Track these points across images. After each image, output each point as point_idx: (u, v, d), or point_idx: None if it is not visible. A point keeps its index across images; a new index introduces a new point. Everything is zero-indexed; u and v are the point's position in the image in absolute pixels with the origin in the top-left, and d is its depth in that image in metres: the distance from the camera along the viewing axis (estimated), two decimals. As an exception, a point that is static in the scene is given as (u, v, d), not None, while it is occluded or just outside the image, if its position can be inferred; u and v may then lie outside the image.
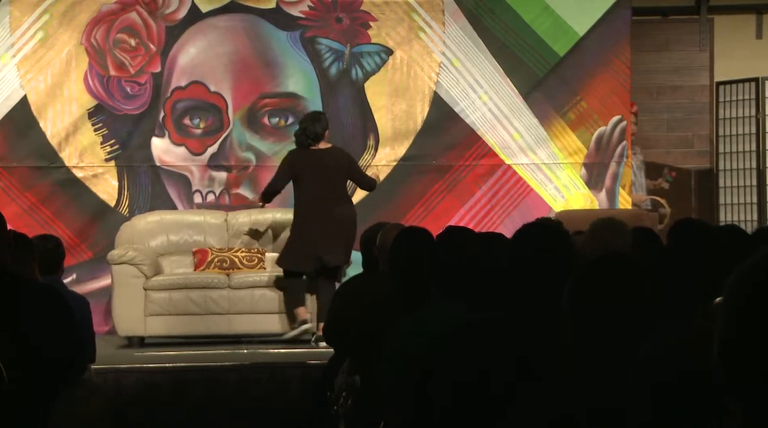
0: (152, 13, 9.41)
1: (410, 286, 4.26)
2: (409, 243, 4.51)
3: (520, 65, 9.67)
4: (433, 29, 9.65)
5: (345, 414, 4.85)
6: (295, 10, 9.54)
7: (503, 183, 9.69)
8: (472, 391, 2.82)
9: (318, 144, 8.14)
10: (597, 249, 4.66)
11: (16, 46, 9.26)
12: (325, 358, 5.76)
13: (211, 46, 9.51)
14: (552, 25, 9.69)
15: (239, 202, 9.39)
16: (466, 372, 2.87)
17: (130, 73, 9.38)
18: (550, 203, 9.68)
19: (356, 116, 9.62)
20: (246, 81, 9.51)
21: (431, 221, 9.31)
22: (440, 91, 9.64)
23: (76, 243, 9.22)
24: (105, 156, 9.35)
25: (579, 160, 9.74)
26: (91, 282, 9.18)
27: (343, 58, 9.59)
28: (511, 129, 9.70)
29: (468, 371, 2.87)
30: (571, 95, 9.73)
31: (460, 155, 9.65)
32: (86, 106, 9.33)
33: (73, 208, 9.29)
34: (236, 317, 8.29)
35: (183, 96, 9.47)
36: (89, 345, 5.33)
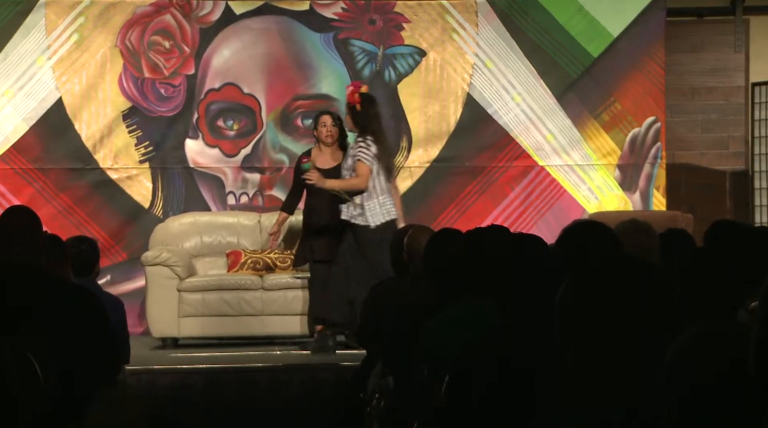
0: (186, 16, 9.45)
1: (444, 287, 4.26)
2: (443, 245, 4.51)
3: (554, 66, 9.64)
4: (467, 30, 9.64)
5: (378, 416, 4.84)
6: (328, 12, 9.56)
7: (536, 184, 9.67)
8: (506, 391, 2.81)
9: None
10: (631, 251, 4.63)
11: (51, 49, 9.32)
12: (358, 360, 5.76)
13: (244, 47, 9.54)
14: (586, 26, 9.66)
15: (272, 204, 9.40)
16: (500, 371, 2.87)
17: (164, 75, 9.43)
18: (583, 205, 9.65)
19: (389, 118, 9.61)
20: (279, 83, 9.53)
21: (464, 223, 9.29)
22: (473, 92, 9.63)
23: (111, 245, 9.27)
24: (139, 157, 9.39)
25: (613, 161, 9.70)
26: (126, 284, 9.23)
27: (376, 60, 9.59)
28: (544, 130, 9.67)
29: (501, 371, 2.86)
30: (605, 96, 9.69)
31: (493, 157, 9.63)
32: (121, 107, 9.38)
33: (108, 210, 9.34)
34: (269, 318, 8.30)
35: (217, 98, 9.51)
36: (124, 346, 5.35)
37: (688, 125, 10.47)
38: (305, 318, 8.27)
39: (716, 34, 10.43)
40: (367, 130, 7.59)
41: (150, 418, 6.04)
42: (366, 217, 7.56)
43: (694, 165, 10.21)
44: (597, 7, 9.64)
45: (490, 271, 3.51)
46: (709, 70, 10.39)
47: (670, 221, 8.07)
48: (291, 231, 8.85)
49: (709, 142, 10.49)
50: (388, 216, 7.58)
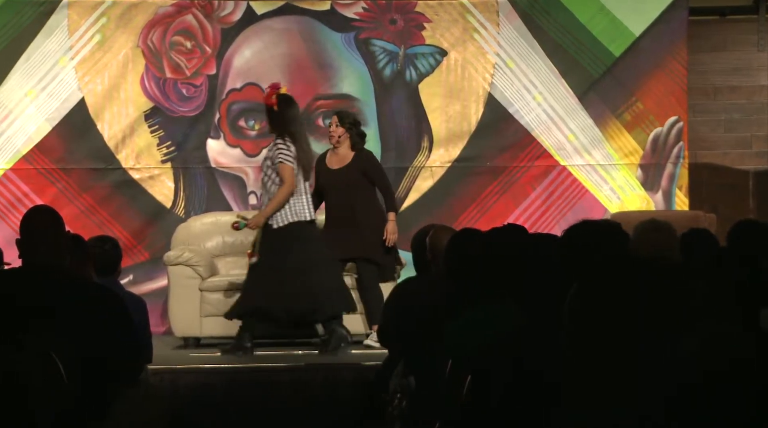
0: (208, 16, 9.48)
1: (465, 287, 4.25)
2: (463, 245, 4.50)
3: (575, 66, 9.62)
4: (488, 30, 9.63)
5: (399, 416, 4.84)
6: (349, 12, 9.56)
7: (558, 184, 9.65)
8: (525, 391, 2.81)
9: None
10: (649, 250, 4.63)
11: (74, 49, 9.36)
12: (380, 360, 5.76)
13: (266, 47, 9.55)
14: (608, 26, 9.63)
15: (294, 204, 9.40)
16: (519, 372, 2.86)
17: (185, 75, 9.45)
18: (605, 204, 9.62)
19: (410, 118, 9.62)
20: (300, 82, 9.54)
21: (485, 223, 9.28)
22: (495, 92, 9.61)
23: (133, 245, 9.30)
24: (161, 157, 9.42)
25: (635, 161, 9.67)
26: (148, 283, 9.26)
27: (397, 60, 9.59)
28: (566, 130, 9.65)
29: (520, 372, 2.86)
30: (627, 96, 9.66)
31: (514, 156, 9.62)
32: (143, 108, 9.40)
33: (130, 210, 9.36)
34: (291, 318, 8.30)
35: (238, 98, 9.52)
36: (146, 345, 5.36)
37: (711, 125, 10.43)
38: (327, 317, 8.28)
39: (739, 33, 10.39)
40: (285, 131, 7.61)
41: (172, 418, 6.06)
42: (273, 217, 7.60)
43: (716, 164, 10.17)
44: (619, 6, 9.61)
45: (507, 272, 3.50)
46: (732, 70, 10.35)
47: (693, 221, 8.05)
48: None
49: (731, 141, 10.45)
50: (295, 218, 7.60)
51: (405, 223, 9.27)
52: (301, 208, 7.62)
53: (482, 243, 4.51)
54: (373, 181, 7.99)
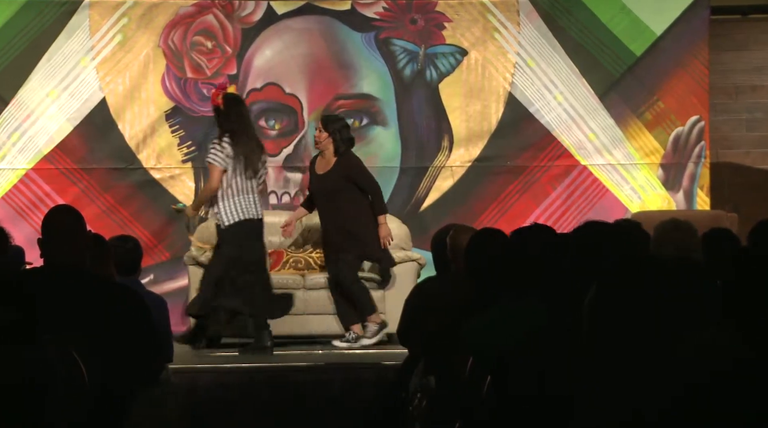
0: (228, 16, 9.49)
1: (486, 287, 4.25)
2: (485, 245, 4.50)
3: (596, 65, 9.59)
4: (508, 30, 9.62)
5: (419, 415, 4.84)
6: (369, 12, 9.56)
7: (579, 184, 9.63)
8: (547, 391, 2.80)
9: None
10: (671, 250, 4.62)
11: (95, 49, 9.39)
12: (400, 359, 5.76)
13: (286, 47, 9.56)
14: (629, 25, 9.61)
15: (314, 203, 9.42)
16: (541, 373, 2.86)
17: (206, 75, 9.47)
18: (626, 204, 9.60)
19: (430, 117, 9.61)
20: (321, 82, 9.55)
21: (506, 222, 9.27)
22: (515, 91, 9.60)
23: (154, 244, 9.32)
24: (182, 157, 9.44)
25: (656, 160, 9.64)
26: (169, 283, 9.28)
27: (417, 59, 9.59)
28: (586, 129, 9.63)
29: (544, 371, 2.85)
30: (648, 95, 9.64)
31: (534, 156, 9.60)
32: (163, 108, 9.43)
33: (151, 209, 9.39)
34: (311, 318, 8.32)
35: (258, 98, 9.54)
36: (166, 345, 5.37)
37: (732, 124, 10.39)
38: (347, 317, 8.29)
39: (761, 32, 10.34)
40: (226, 131, 7.66)
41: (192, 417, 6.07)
42: (220, 216, 7.69)
43: (738, 164, 10.13)
44: (640, 5, 9.59)
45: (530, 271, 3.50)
46: (754, 69, 10.31)
47: (714, 220, 8.01)
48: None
49: (753, 140, 10.40)
50: (243, 216, 7.68)
51: (425, 223, 9.28)
52: (248, 206, 7.73)
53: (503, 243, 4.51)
54: (358, 185, 8.02)
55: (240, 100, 7.93)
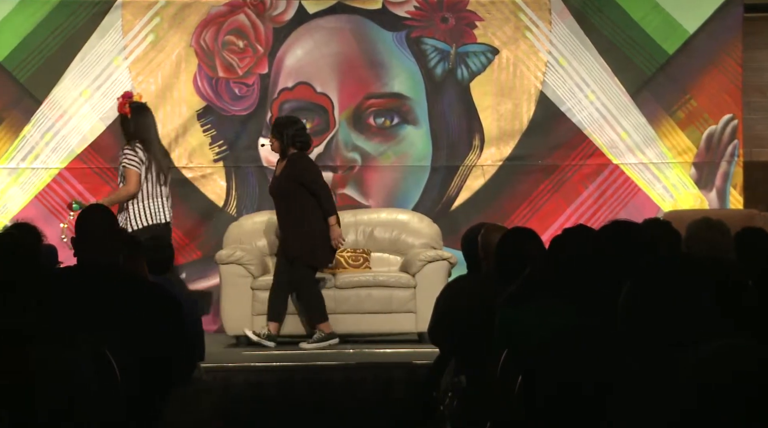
0: (260, 15, 9.52)
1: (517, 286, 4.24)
2: (515, 244, 4.49)
3: (628, 64, 9.55)
4: (540, 28, 9.59)
5: (451, 415, 4.84)
6: (401, 11, 9.56)
7: (610, 183, 9.59)
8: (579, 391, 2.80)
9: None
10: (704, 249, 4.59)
11: (128, 49, 9.43)
12: (431, 358, 5.75)
13: (317, 47, 9.58)
14: (661, 23, 9.56)
15: (345, 202, 9.43)
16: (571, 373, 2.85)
17: (238, 75, 9.50)
18: (658, 203, 9.55)
19: (461, 116, 9.60)
20: (352, 81, 9.56)
21: (537, 221, 9.25)
22: (546, 90, 9.57)
23: (186, 243, 9.36)
24: (213, 157, 9.47)
25: (688, 159, 9.60)
26: (200, 282, 9.31)
27: (448, 58, 9.58)
28: (618, 128, 9.59)
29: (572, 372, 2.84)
30: (681, 94, 9.59)
31: (566, 155, 9.57)
32: (195, 107, 9.46)
33: (183, 208, 9.42)
34: (342, 317, 8.33)
35: (290, 97, 9.55)
36: (198, 344, 5.39)
37: (766, 122, 10.32)
38: (378, 316, 8.29)
39: (795, 29, 10.26)
40: (136, 138, 7.67)
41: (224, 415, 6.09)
42: (129, 221, 7.78)
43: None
44: (673, 3, 9.54)
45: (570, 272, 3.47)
46: (788, 67, 10.23)
47: (747, 220, 7.97)
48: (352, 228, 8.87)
49: (787, 139, 10.32)
50: (151, 221, 7.72)
51: (456, 222, 9.27)
52: (156, 211, 7.79)
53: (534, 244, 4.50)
54: (306, 187, 8.07)
55: (147, 109, 8.00)
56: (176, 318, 3.87)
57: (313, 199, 8.08)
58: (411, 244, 8.83)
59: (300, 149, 8.16)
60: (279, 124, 8.24)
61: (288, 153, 8.13)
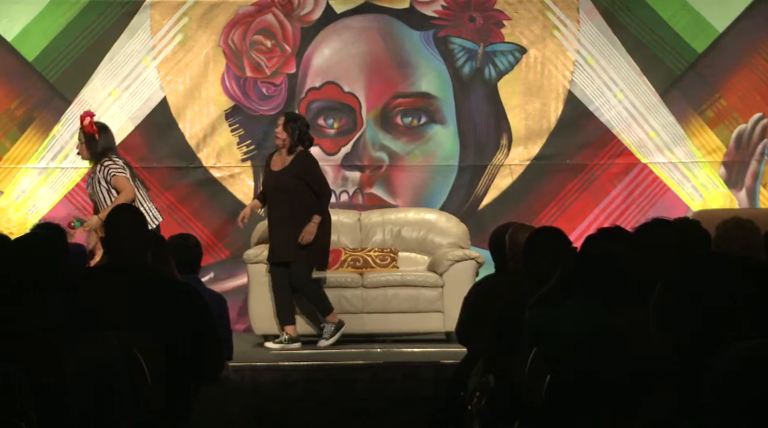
0: (288, 15, 9.53)
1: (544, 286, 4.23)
2: (543, 243, 4.48)
3: (657, 63, 9.52)
4: (568, 27, 9.57)
5: (479, 414, 4.83)
6: (428, 10, 9.56)
7: (639, 182, 9.56)
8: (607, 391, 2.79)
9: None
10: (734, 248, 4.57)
11: (156, 49, 9.47)
12: (459, 358, 5.75)
13: (345, 46, 9.58)
14: (690, 22, 9.52)
15: (372, 202, 9.44)
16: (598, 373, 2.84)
17: (265, 74, 9.52)
18: (687, 202, 9.51)
19: (489, 115, 9.59)
20: (379, 81, 9.56)
21: (565, 221, 9.23)
22: (574, 89, 9.55)
23: (214, 243, 9.39)
24: (241, 156, 9.50)
25: (718, 158, 9.55)
26: (228, 281, 9.34)
27: (476, 58, 9.57)
28: (647, 127, 9.56)
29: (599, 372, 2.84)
30: (710, 93, 9.55)
31: (594, 154, 9.55)
32: (223, 107, 9.49)
33: (211, 208, 9.46)
34: (369, 316, 8.33)
35: (317, 96, 9.57)
36: (226, 343, 5.40)
37: (796, 121, 10.24)
38: (405, 315, 8.29)
39: (825, 27, 10.18)
40: (105, 153, 7.62)
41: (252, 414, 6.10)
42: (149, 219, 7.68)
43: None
44: (702, 2, 9.50)
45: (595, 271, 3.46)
46: (819, 65, 10.16)
47: (778, 219, 7.90)
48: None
49: (817, 138, 10.25)
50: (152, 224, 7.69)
51: (483, 221, 9.26)
52: (152, 213, 7.73)
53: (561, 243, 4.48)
54: (309, 185, 8.04)
55: (108, 128, 7.90)
56: (205, 317, 3.88)
57: (314, 198, 8.05)
58: (438, 244, 8.83)
59: (306, 148, 8.17)
60: (292, 119, 8.22)
61: (296, 149, 8.11)
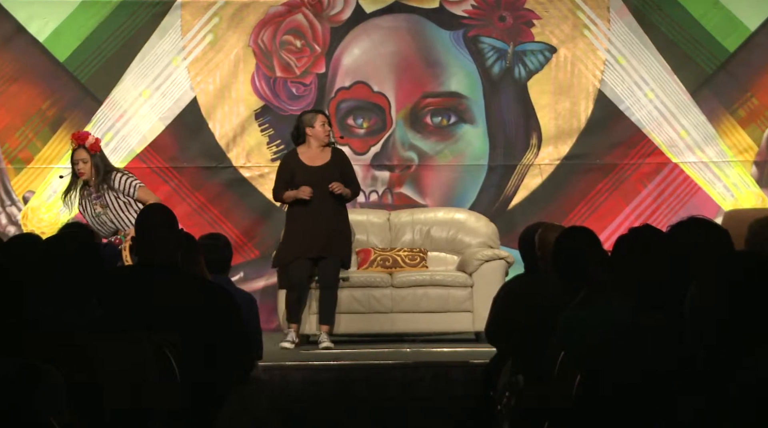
0: (318, 15, 9.55)
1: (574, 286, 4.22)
2: (572, 243, 4.46)
3: (688, 62, 9.47)
4: (598, 26, 9.54)
5: (508, 414, 4.82)
6: (458, 10, 9.55)
7: (670, 181, 9.51)
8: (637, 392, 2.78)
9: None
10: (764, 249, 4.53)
11: (187, 49, 9.51)
12: (488, 357, 5.74)
13: (374, 46, 9.59)
14: (722, 21, 9.47)
15: (402, 202, 9.44)
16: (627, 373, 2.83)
17: (295, 74, 9.54)
18: (718, 202, 9.46)
19: (519, 115, 9.57)
20: (409, 80, 9.56)
21: (595, 220, 9.20)
22: (605, 88, 9.52)
23: (243, 242, 9.41)
24: (271, 156, 9.52)
25: (749, 157, 9.50)
26: (258, 281, 9.36)
27: (506, 57, 9.55)
28: (678, 126, 9.52)
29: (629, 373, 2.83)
30: (742, 92, 9.49)
31: (625, 154, 9.51)
32: (253, 107, 9.52)
33: (241, 208, 9.48)
34: (399, 316, 8.33)
35: (347, 96, 9.58)
36: (256, 342, 5.41)
37: (829, 120, 10.17)
38: (435, 315, 8.29)
39: None
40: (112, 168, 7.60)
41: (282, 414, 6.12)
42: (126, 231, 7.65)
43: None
44: (733, 0, 9.44)
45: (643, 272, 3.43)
46: None
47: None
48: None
49: None
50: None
51: (513, 221, 9.24)
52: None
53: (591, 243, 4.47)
54: (346, 180, 8.03)
55: None
56: (235, 317, 3.89)
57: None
58: (468, 243, 8.82)
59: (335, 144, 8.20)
60: (329, 116, 8.28)
61: (332, 144, 8.15)
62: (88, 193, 7.50)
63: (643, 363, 2.82)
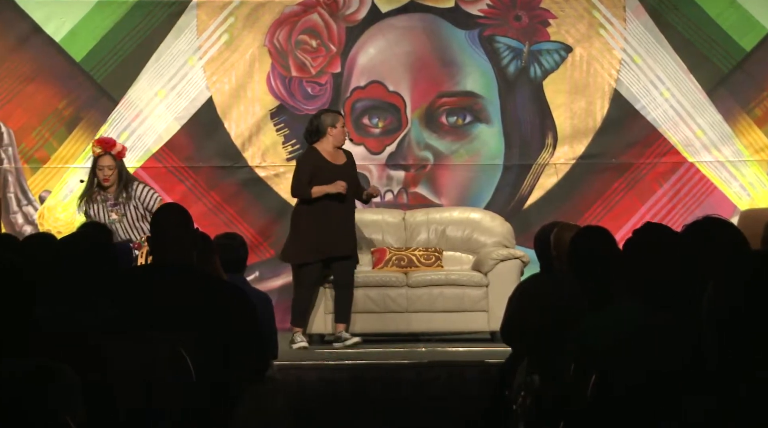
0: (333, 14, 9.55)
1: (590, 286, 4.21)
2: (587, 243, 4.46)
3: (704, 61, 9.45)
4: (614, 26, 9.52)
5: (524, 414, 4.82)
6: (473, 9, 9.54)
7: (685, 181, 9.49)
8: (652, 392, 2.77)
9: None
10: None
11: (202, 49, 9.52)
12: (503, 357, 5.74)
13: (390, 46, 9.59)
14: (738, 20, 9.44)
15: (417, 201, 9.44)
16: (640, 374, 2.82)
17: (311, 74, 9.54)
18: (734, 201, 9.43)
19: (534, 114, 9.56)
20: (424, 80, 9.56)
21: (610, 220, 9.18)
22: (620, 88, 9.50)
23: (259, 242, 9.42)
24: (286, 156, 9.53)
25: (766, 157, 9.47)
26: (273, 280, 9.37)
27: (521, 56, 9.54)
28: (694, 126, 9.49)
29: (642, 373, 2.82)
30: (758, 91, 9.46)
31: (640, 153, 9.49)
32: (268, 106, 9.53)
33: (256, 207, 9.49)
34: (414, 315, 8.33)
35: (362, 96, 9.58)
36: (271, 342, 5.41)
37: None
38: (450, 315, 8.28)
39: None
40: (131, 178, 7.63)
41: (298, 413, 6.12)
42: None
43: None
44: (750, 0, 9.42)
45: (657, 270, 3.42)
46: None
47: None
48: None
49: None
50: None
51: (528, 221, 9.23)
52: None
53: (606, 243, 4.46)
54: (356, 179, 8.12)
55: None
56: (250, 317, 3.89)
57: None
58: (483, 243, 8.82)
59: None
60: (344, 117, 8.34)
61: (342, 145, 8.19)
62: (103, 199, 7.51)
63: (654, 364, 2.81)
